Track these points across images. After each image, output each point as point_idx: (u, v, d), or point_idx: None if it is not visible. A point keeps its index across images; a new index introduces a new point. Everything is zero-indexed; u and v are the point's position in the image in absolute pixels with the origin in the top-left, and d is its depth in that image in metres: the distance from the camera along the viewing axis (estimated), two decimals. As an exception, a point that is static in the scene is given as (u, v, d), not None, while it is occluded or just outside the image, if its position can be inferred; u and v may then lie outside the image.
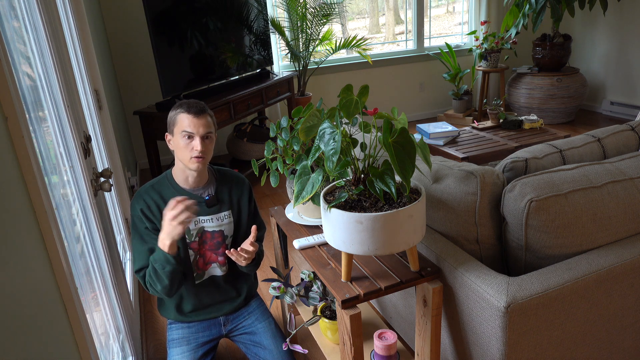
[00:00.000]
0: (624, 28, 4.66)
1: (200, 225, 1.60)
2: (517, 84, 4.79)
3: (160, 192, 1.57)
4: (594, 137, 1.59)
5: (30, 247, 0.85)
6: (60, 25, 1.58)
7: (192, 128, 1.49)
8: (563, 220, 1.25)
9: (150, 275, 1.51)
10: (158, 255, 1.47)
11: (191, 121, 1.49)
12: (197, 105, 1.52)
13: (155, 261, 1.48)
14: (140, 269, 1.55)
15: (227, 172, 1.71)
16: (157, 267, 1.48)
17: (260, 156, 3.85)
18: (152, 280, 1.51)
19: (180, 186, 1.59)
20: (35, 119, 1.19)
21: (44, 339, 0.82)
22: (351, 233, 1.12)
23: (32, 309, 0.80)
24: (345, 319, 1.20)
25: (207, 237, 1.62)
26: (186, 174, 1.58)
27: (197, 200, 1.59)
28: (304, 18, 4.17)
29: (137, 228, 1.56)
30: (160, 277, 1.49)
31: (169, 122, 1.56)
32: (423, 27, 5.09)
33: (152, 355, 2.01)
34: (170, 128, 1.55)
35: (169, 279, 1.49)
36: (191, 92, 3.33)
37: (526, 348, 1.18)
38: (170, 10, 3.09)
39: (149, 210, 1.55)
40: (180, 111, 1.52)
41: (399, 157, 1.06)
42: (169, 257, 1.46)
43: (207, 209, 1.61)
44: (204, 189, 1.62)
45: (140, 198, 1.56)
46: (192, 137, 1.50)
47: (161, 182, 1.60)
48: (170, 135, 1.56)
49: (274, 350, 1.64)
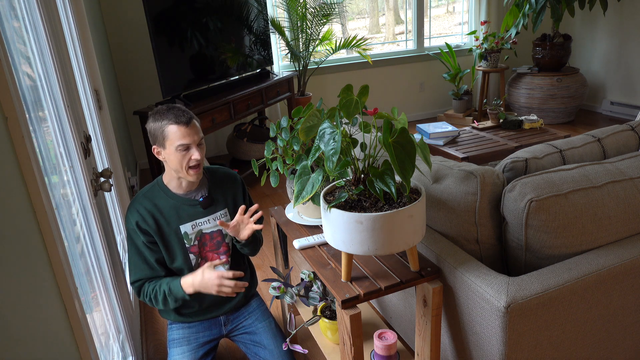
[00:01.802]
0: (624, 28, 4.66)
1: (198, 229, 1.60)
2: (517, 84, 4.79)
3: (154, 201, 1.55)
4: (594, 137, 1.59)
5: (30, 247, 0.84)
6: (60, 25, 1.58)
7: (187, 139, 1.45)
8: (563, 220, 1.25)
9: (156, 297, 1.54)
10: (176, 291, 1.51)
11: (185, 132, 1.45)
12: (185, 114, 1.47)
13: (170, 294, 1.52)
14: (136, 280, 1.56)
15: (218, 171, 1.69)
16: (170, 300, 1.53)
17: (260, 156, 3.85)
18: (156, 302, 1.55)
19: (173, 192, 1.58)
20: (35, 119, 1.19)
21: (44, 339, 0.82)
22: (351, 233, 1.12)
23: (32, 309, 0.80)
24: (345, 319, 1.20)
25: (207, 239, 1.62)
26: (179, 181, 1.57)
27: (192, 203, 1.59)
28: (304, 18, 4.17)
29: (132, 240, 1.55)
30: (168, 305, 1.55)
31: (154, 134, 1.48)
32: (423, 27, 5.09)
33: (152, 355, 2.01)
34: (160, 141, 1.48)
35: (174, 307, 1.58)
36: (191, 92, 3.34)
37: (526, 348, 1.18)
38: (170, 10, 3.09)
39: (144, 222, 1.53)
40: (167, 123, 1.45)
41: (399, 157, 1.06)
42: (187, 297, 1.52)
43: (202, 210, 1.60)
44: (196, 192, 1.60)
45: (134, 210, 1.54)
46: (188, 147, 1.47)
47: (153, 190, 1.57)
48: (160, 148, 1.50)
49: (274, 350, 1.64)
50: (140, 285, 1.56)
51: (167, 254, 1.57)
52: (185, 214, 1.57)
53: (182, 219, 1.57)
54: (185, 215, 1.57)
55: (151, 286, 1.55)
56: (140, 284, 1.56)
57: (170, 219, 1.55)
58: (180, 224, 1.57)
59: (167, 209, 1.55)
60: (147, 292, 1.55)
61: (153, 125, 1.48)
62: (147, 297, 1.55)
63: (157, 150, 1.52)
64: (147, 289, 1.55)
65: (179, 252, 1.57)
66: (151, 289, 1.54)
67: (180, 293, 1.51)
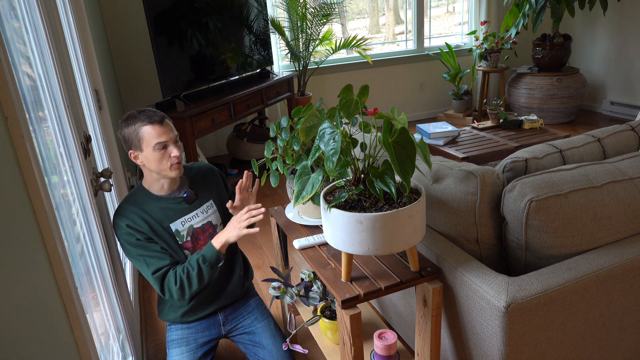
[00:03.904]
0: (624, 28, 4.66)
1: (188, 224, 1.60)
2: (517, 84, 4.79)
3: (140, 206, 1.55)
4: (594, 137, 1.59)
5: (30, 247, 0.84)
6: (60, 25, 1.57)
7: (163, 137, 1.47)
8: (563, 220, 1.25)
9: (189, 275, 1.48)
10: (210, 254, 1.48)
11: (159, 130, 1.46)
12: (156, 114, 1.48)
13: (204, 261, 1.48)
14: (156, 270, 1.50)
15: (193, 166, 1.71)
16: (205, 268, 1.48)
17: (260, 156, 3.85)
18: (189, 281, 1.48)
19: (156, 195, 1.58)
20: (35, 119, 1.19)
21: (44, 339, 0.82)
22: (351, 233, 1.12)
23: (32, 309, 0.80)
24: (345, 319, 1.20)
25: (199, 233, 1.63)
26: (161, 183, 1.57)
27: (177, 201, 1.59)
28: (304, 18, 4.17)
29: (130, 243, 1.51)
30: (204, 277, 1.49)
31: (129, 139, 1.48)
32: (423, 27, 5.09)
33: (152, 355, 2.01)
34: (136, 144, 1.48)
35: (210, 278, 1.52)
36: (191, 92, 3.33)
37: (526, 348, 1.18)
38: (170, 10, 3.09)
39: (134, 223, 1.51)
40: (140, 125, 1.46)
41: (399, 157, 1.06)
42: (222, 256, 1.49)
43: (188, 206, 1.61)
44: (179, 190, 1.62)
45: (122, 216, 1.52)
46: (166, 146, 1.48)
47: (136, 196, 1.57)
48: (137, 152, 1.50)
49: (273, 350, 1.64)
50: (163, 274, 1.49)
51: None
52: (172, 213, 1.58)
53: (171, 218, 1.58)
54: (173, 214, 1.58)
55: (179, 269, 1.49)
56: (161, 273, 1.49)
57: (159, 219, 1.56)
58: (170, 223, 1.57)
59: (155, 211, 1.56)
60: (177, 277, 1.48)
61: (127, 131, 1.48)
62: (177, 282, 1.48)
63: (134, 155, 1.51)
64: (176, 273, 1.48)
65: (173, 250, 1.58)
66: (180, 271, 1.48)
67: (214, 254, 1.48)
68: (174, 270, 1.50)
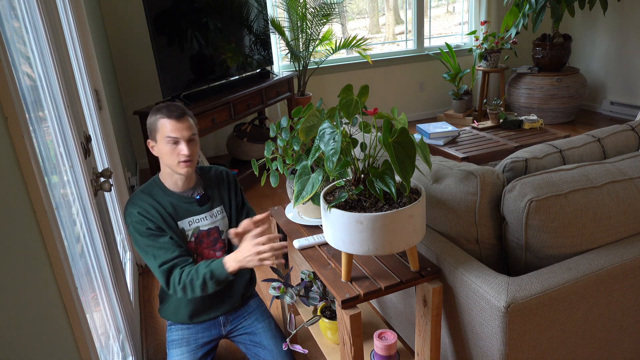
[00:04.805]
0: (624, 28, 4.66)
1: (195, 225, 1.61)
2: (517, 84, 4.79)
3: (152, 195, 1.56)
4: (594, 137, 1.59)
5: (30, 247, 0.84)
6: (60, 25, 1.57)
7: (176, 133, 1.48)
8: (563, 220, 1.25)
9: (192, 283, 1.45)
10: (219, 272, 1.44)
11: (174, 126, 1.48)
12: (178, 109, 1.50)
13: (212, 277, 1.44)
14: (163, 263, 1.48)
15: (210, 169, 1.72)
16: (210, 284, 1.45)
17: (260, 156, 3.85)
18: (191, 288, 1.46)
19: (170, 190, 1.59)
20: (35, 119, 1.19)
21: (44, 339, 0.82)
22: (351, 233, 1.12)
23: (32, 309, 0.80)
24: (345, 319, 1.20)
25: (204, 236, 1.63)
26: (174, 178, 1.58)
27: (188, 201, 1.60)
28: (304, 18, 4.17)
29: (140, 232, 1.50)
30: (207, 290, 1.47)
31: (149, 128, 1.53)
32: (423, 27, 5.09)
33: (152, 355, 2.01)
34: (152, 134, 1.52)
35: (214, 291, 1.49)
36: (191, 92, 3.33)
37: (526, 348, 1.18)
38: (170, 10, 3.09)
39: (146, 212, 1.52)
40: (160, 116, 1.49)
41: (399, 157, 1.06)
42: (230, 277, 1.45)
43: (199, 208, 1.61)
44: (192, 190, 1.63)
45: (135, 204, 1.53)
46: (177, 142, 1.49)
47: (151, 187, 1.59)
48: (153, 142, 1.54)
49: (273, 350, 1.64)
50: (169, 269, 1.48)
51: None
52: (182, 211, 1.59)
53: (180, 216, 1.58)
54: (183, 212, 1.59)
55: (185, 271, 1.47)
56: (167, 267, 1.47)
57: (170, 213, 1.57)
58: (178, 220, 1.58)
59: (167, 205, 1.57)
60: (181, 279, 1.46)
61: (150, 120, 1.53)
62: (181, 283, 1.46)
63: (152, 145, 1.56)
64: (181, 275, 1.46)
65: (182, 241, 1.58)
66: (185, 275, 1.46)
67: (223, 273, 1.44)
68: (181, 271, 1.47)
